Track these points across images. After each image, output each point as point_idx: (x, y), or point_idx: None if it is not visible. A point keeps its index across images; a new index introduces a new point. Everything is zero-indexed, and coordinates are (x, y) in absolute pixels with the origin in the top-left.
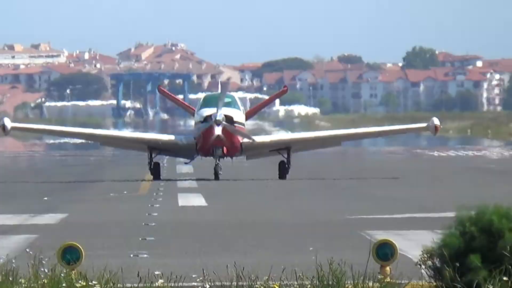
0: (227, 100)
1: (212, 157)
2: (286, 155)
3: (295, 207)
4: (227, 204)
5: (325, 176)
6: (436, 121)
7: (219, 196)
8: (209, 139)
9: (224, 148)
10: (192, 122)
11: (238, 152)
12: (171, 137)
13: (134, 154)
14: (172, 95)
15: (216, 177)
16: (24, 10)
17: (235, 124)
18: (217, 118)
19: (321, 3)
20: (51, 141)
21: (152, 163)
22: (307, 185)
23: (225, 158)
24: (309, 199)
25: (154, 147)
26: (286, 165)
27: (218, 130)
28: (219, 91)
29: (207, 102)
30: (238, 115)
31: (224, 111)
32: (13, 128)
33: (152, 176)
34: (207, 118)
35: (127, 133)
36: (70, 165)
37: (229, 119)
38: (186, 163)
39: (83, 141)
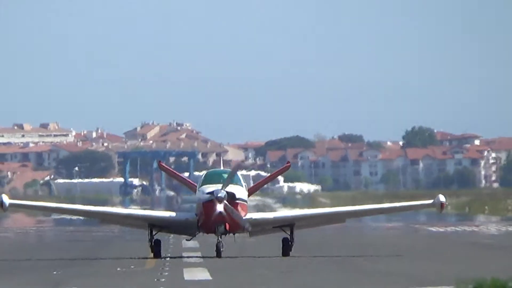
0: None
1: (214, 234)
2: (289, 232)
3: (297, 283)
4: (232, 278)
5: (327, 252)
6: (442, 198)
7: (223, 271)
8: (211, 216)
9: (227, 225)
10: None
11: (241, 229)
12: (172, 214)
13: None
14: (173, 171)
15: (218, 254)
16: (33, 90)
17: (237, 201)
18: (218, 195)
19: (322, 83)
20: (59, 216)
21: (153, 240)
22: (310, 261)
23: (227, 235)
24: (312, 275)
25: (154, 224)
26: (290, 242)
27: (220, 207)
28: (221, 167)
29: (208, 179)
30: (241, 191)
31: (226, 188)
32: (11, 205)
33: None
34: (208, 196)
35: (125, 210)
36: (78, 240)
37: (231, 195)
38: (187, 239)
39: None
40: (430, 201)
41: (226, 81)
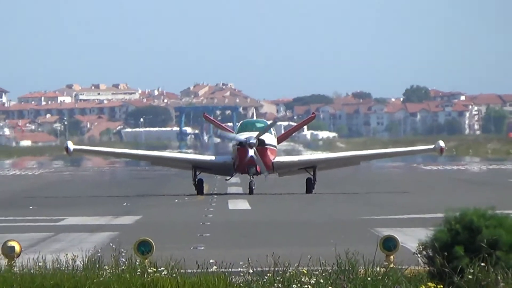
0: (260, 125)
1: (247, 174)
2: (312, 173)
3: (319, 210)
4: (267, 208)
5: (344, 189)
6: (441, 143)
7: (260, 202)
8: (243, 159)
9: (257, 167)
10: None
11: (271, 170)
12: (212, 158)
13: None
14: (215, 120)
15: (250, 191)
16: (107, 55)
17: (267, 146)
18: (250, 141)
19: (341, 50)
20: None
21: (196, 179)
22: (329, 196)
23: (258, 175)
24: (330, 206)
25: (197, 166)
26: (313, 181)
27: (251, 152)
28: (255, 118)
29: (243, 127)
30: (270, 138)
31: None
32: (75, 150)
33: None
34: (242, 142)
35: (172, 154)
36: (143, 178)
37: (261, 142)
38: (226, 179)
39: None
40: (432, 146)
41: (261, 49)
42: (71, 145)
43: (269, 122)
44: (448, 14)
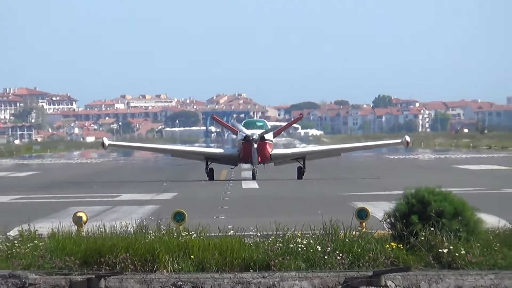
0: (260, 124)
1: (251, 164)
2: (302, 162)
3: (309, 189)
4: (271, 187)
5: (328, 174)
6: (407, 138)
7: (266, 183)
8: (248, 151)
9: (259, 158)
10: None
11: (269, 160)
12: (221, 150)
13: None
14: (221, 120)
15: (253, 177)
16: (152, 72)
17: (266, 141)
18: (254, 137)
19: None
20: None
21: (208, 168)
22: (316, 180)
23: (259, 164)
24: (318, 186)
25: (209, 157)
26: (303, 169)
27: (254, 145)
28: (255, 118)
29: (246, 126)
30: (268, 134)
31: (258, 131)
32: (110, 145)
33: (208, 177)
34: (246, 137)
35: (188, 147)
36: (179, 165)
37: (261, 137)
38: (232, 168)
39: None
40: (399, 140)
41: (267, 67)
42: (106, 141)
43: (268, 125)
44: (405, 38)
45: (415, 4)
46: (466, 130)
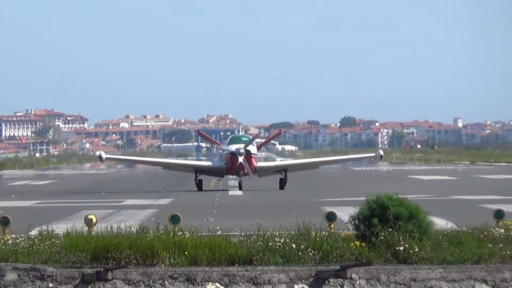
0: (245, 139)
1: (237, 176)
2: (284, 174)
3: (286, 196)
4: (253, 195)
5: (305, 184)
6: (381, 152)
7: (250, 192)
8: (234, 164)
9: (245, 170)
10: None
11: (254, 173)
12: (209, 163)
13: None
14: (207, 136)
15: (240, 188)
16: (152, 96)
17: (252, 154)
18: (240, 151)
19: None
20: None
21: (197, 180)
22: (295, 189)
23: (245, 176)
24: (294, 193)
25: (198, 170)
26: (284, 181)
27: (240, 159)
28: (241, 133)
29: (232, 140)
30: (254, 149)
31: (244, 146)
32: (107, 158)
33: (197, 188)
34: (233, 151)
35: (179, 160)
36: (174, 175)
37: (248, 151)
38: (218, 179)
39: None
40: (373, 154)
41: (250, 92)
42: (103, 155)
43: (251, 137)
44: (369, 67)
45: (374, 37)
46: (418, 146)
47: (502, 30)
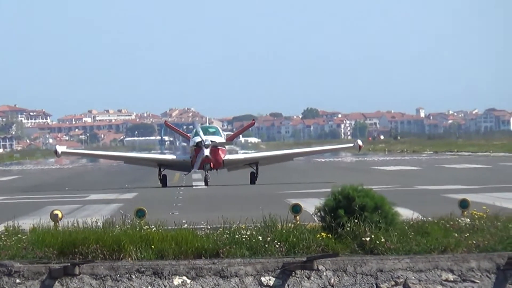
0: (212, 130)
1: (203, 170)
2: (255, 168)
3: (252, 189)
4: (218, 188)
5: (264, 175)
6: (360, 142)
7: (214, 186)
8: (200, 157)
9: (211, 164)
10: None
11: (222, 166)
12: (173, 157)
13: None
14: (174, 127)
15: (206, 183)
16: (115, 90)
17: (218, 146)
18: (205, 143)
19: (262, 82)
20: None
21: (161, 175)
22: (260, 181)
23: (212, 170)
24: (261, 186)
25: (162, 164)
26: (255, 175)
27: (206, 152)
28: (207, 124)
29: (198, 131)
30: (220, 140)
31: (210, 137)
32: (62, 153)
33: (161, 184)
34: (198, 143)
35: (141, 154)
36: (138, 169)
37: (214, 143)
38: (185, 174)
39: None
40: (352, 144)
41: (212, 84)
42: (59, 149)
43: (221, 131)
44: (330, 58)
45: (336, 28)
46: (382, 137)
47: (465, 19)
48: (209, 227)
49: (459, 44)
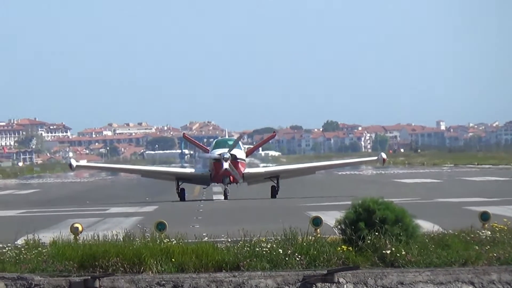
0: (231, 142)
1: (222, 183)
2: (276, 181)
3: (272, 202)
4: (238, 201)
5: (298, 193)
6: (383, 155)
7: (234, 200)
8: (219, 171)
9: (231, 177)
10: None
11: (242, 180)
12: (192, 170)
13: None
14: (192, 139)
15: (225, 197)
16: (136, 103)
17: (238, 160)
18: (225, 156)
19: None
20: None
21: (179, 188)
22: (281, 195)
23: (231, 184)
24: (278, 198)
25: (180, 177)
26: (276, 188)
27: (226, 165)
28: (227, 137)
29: (217, 144)
30: (240, 153)
31: (228, 150)
32: (77, 166)
33: (179, 198)
34: (216, 157)
35: (159, 167)
36: (158, 183)
37: (233, 156)
38: (204, 188)
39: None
40: (375, 157)
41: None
42: (74, 162)
43: (241, 144)
44: (349, 72)
45: (356, 41)
46: (402, 150)
47: (484, 33)
48: (229, 240)
49: (480, 57)
